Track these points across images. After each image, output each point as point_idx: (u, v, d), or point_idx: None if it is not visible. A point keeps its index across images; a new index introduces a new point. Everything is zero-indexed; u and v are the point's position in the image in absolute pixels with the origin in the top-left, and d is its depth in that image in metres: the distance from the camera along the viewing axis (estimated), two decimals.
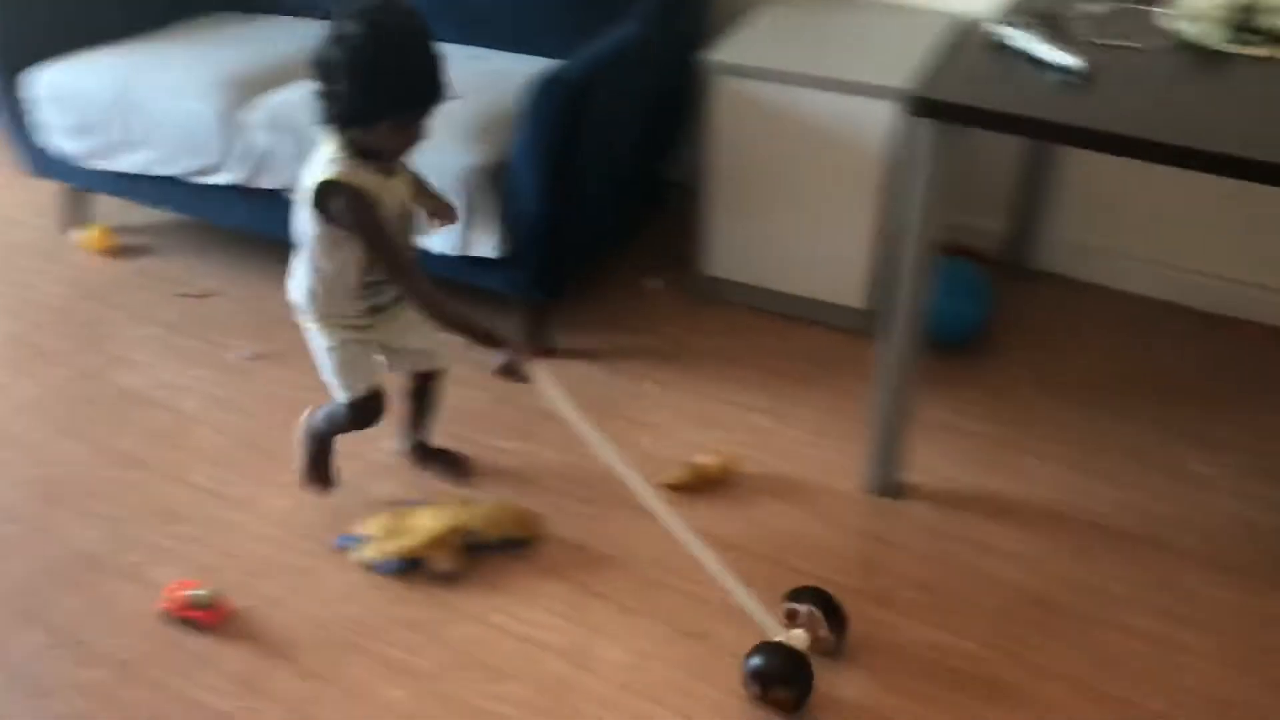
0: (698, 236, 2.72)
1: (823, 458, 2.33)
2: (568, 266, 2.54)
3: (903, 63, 2.33)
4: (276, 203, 2.43)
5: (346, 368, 1.99)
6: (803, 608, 1.85)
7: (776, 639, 1.80)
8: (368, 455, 2.29)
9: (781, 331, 2.69)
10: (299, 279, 1.93)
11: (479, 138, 2.34)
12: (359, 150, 1.76)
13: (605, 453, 1.85)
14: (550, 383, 1.84)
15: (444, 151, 2.12)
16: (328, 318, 1.94)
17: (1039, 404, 2.47)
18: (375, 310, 1.95)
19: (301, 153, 2.46)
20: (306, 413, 2.15)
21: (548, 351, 1.92)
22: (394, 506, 2.13)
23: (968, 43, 1.92)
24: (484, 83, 2.45)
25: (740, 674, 1.81)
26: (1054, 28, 1.87)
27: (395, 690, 1.85)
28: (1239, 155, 1.54)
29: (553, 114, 2.19)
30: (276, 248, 2.17)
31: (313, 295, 1.92)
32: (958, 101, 1.68)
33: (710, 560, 1.84)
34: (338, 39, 1.66)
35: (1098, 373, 2.57)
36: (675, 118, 2.78)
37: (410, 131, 1.75)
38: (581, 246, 2.57)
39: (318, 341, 1.98)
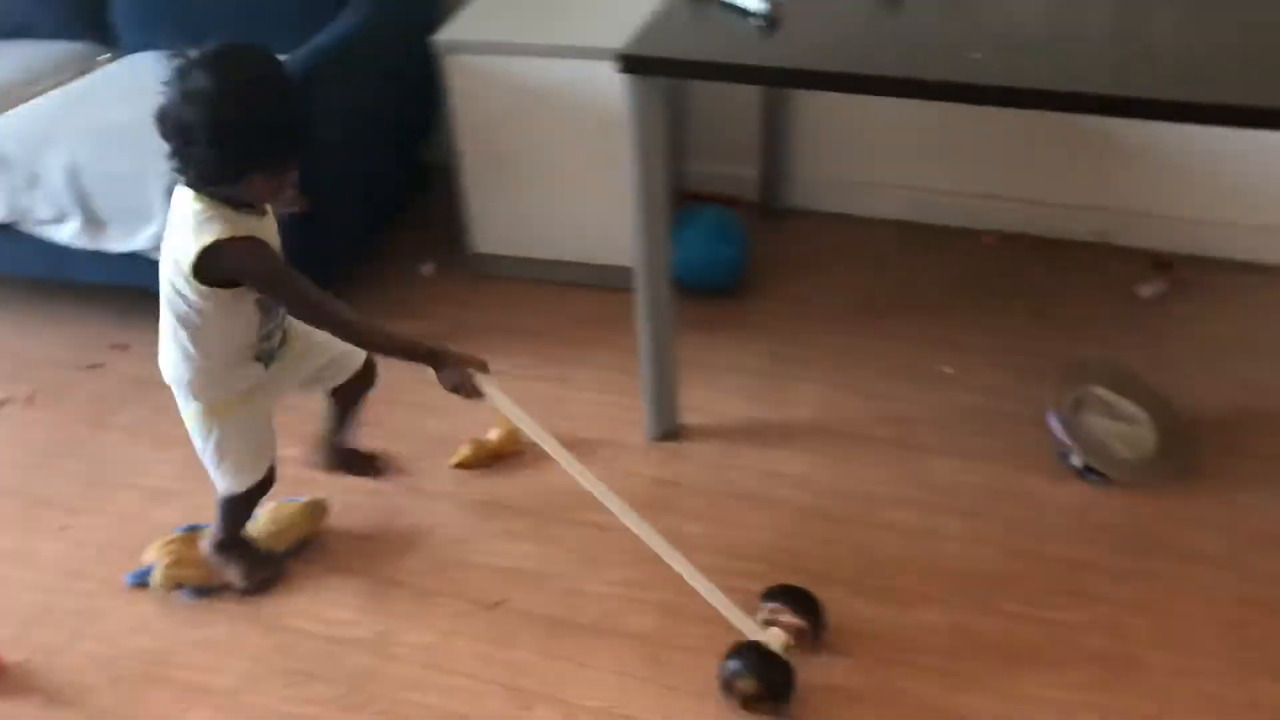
0: (462, 216, 2.75)
1: (608, 414, 2.40)
2: (328, 261, 2.51)
3: (628, 24, 2.40)
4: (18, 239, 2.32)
5: (246, 452, 1.86)
6: (773, 605, 1.84)
7: (754, 639, 1.77)
8: (141, 484, 2.23)
9: (557, 299, 2.75)
10: (174, 362, 1.75)
11: None
12: (227, 200, 1.60)
13: (564, 460, 1.80)
14: (501, 394, 1.78)
15: None
16: (216, 400, 1.78)
17: (802, 333, 2.62)
18: (267, 361, 1.81)
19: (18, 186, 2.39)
20: (204, 544, 2.00)
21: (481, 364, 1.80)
22: (177, 532, 2.09)
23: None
24: None
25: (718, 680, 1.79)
26: None
27: (197, 713, 1.83)
28: (912, 77, 1.68)
29: None
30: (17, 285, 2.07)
31: (196, 376, 1.74)
32: (657, 55, 1.76)
33: (684, 565, 1.79)
34: (189, 95, 1.48)
35: (854, 296, 2.74)
36: (426, 101, 2.78)
37: (284, 178, 1.61)
38: (341, 240, 2.55)
39: (205, 433, 1.81)
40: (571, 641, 1.91)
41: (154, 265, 1.78)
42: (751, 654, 1.75)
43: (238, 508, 1.95)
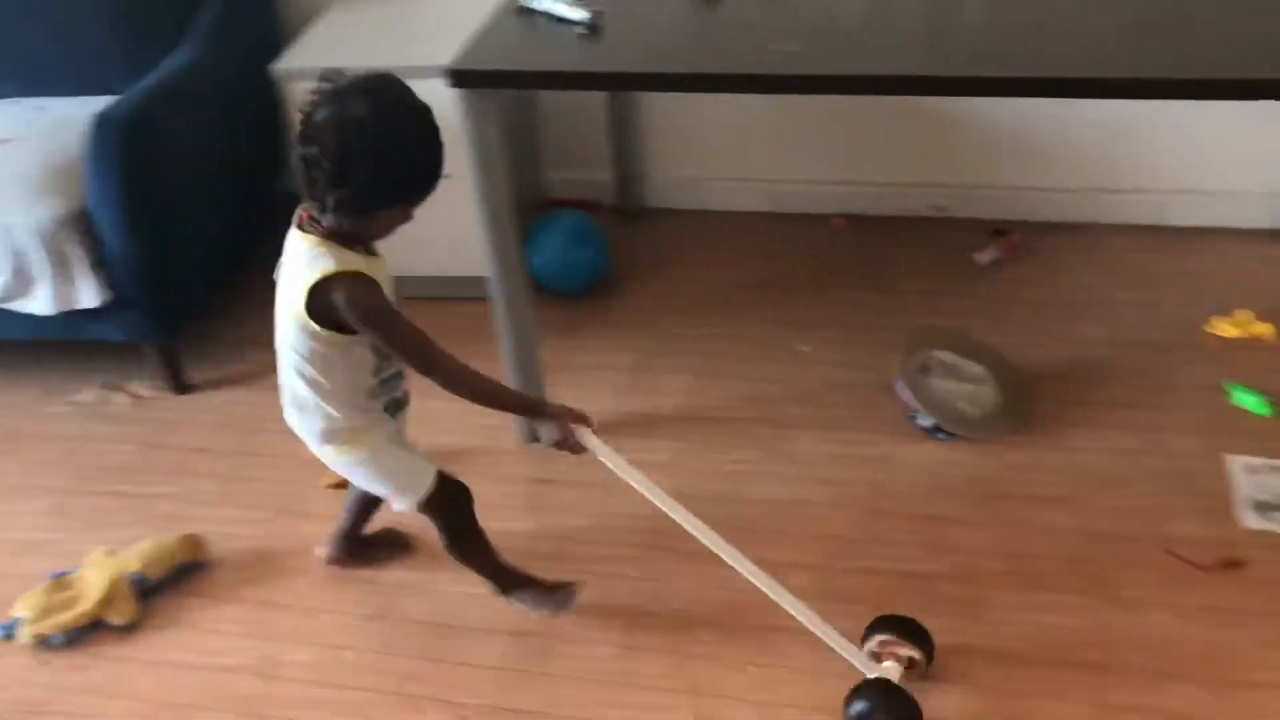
0: None
1: (479, 422, 2.42)
2: (184, 300, 2.50)
3: (464, 41, 2.46)
4: None
5: (391, 474, 1.79)
6: (883, 636, 1.79)
7: (871, 676, 1.73)
8: (5, 537, 2.19)
9: (422, 315, 2.72)
10: (299, 413, 1.73)
11: (49, 190, 2.27)
12: (339, 237, 1.57)
13: (673, 509, 1.76)
14: (605, 448, 1.74)
15: (11, 211, 2.04)
16: (354, 431, 1.74)
17: (666, 327, 2.71)
18: (391, 410, 1.78)
19: None
20: (451, 559, 1.93)
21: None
22: (48, 579, 2.06)
23: (503, 12, 2.07)
24: (45, 132, 2.37)
25: None
26: None
27: None
28: (727, 72, 1.78)
29: (113, 152, 2.16)
30: None
31: (330, 419, 1.71)
32: (483, 68, 1.83)
33: (789, 599, 1.75)
34: (350, 121, 1.45)
35: (714, 288, 2.84)
36: (274, 133, 2.78)
37: (409, 215, 1.60)
38: (196, 276, 2.54)
39: (356, 463, 1.77)
40: (458, 643, 1.95)
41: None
42: (877, 692, 1.70)
43: (460, 536, 1.87)
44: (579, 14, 1.94)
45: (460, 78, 1.82)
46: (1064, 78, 1.74)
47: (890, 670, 1.74)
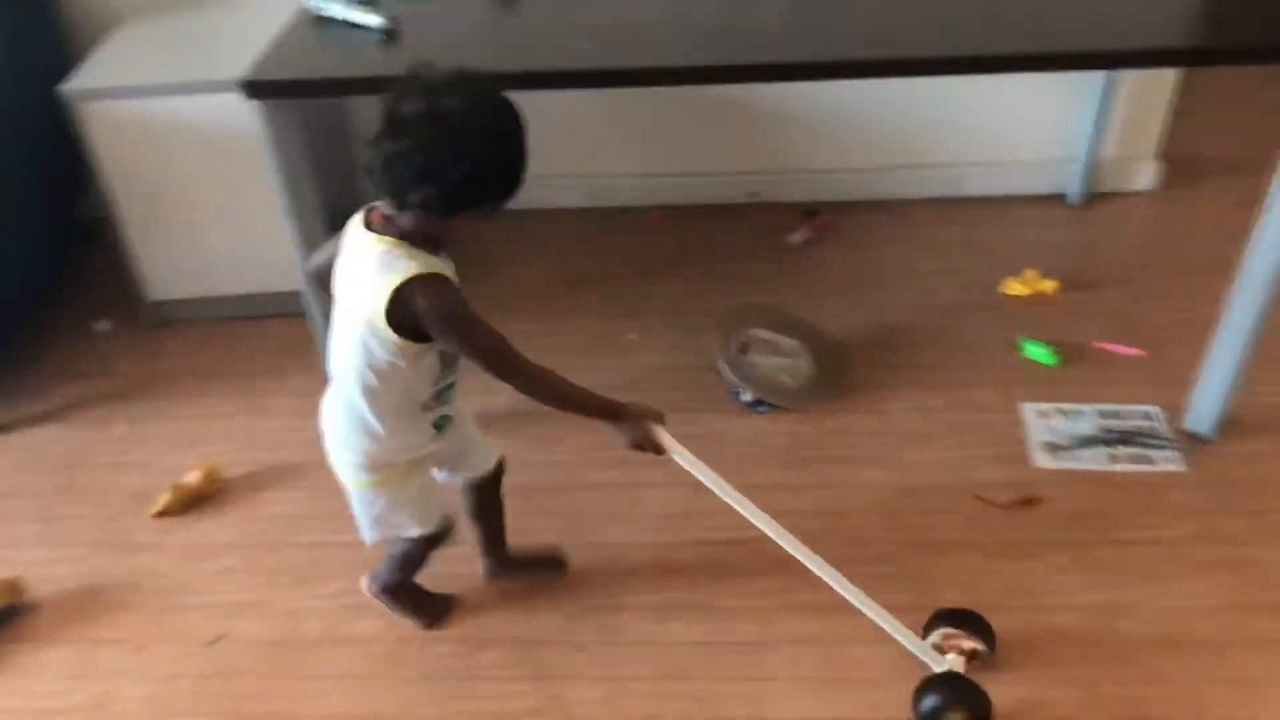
0: (132, 267, 2.67)
1: (311, 437, 2.39)
2: None
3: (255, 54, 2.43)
4: None
5: (419, 506, 1.76)
6: (945, 630, 1.81)
7: (940, 670, 1.75)
8: None
9: (244, 333, 2.73)
10: (345, 436, 1.65)
11: None
12: (415, 238, 1.48)
13: (750, 511, 1.72)
14: (681, 448, 1.70)
15: None
16: (392, 466, 1.68)
17: (501, 326, 2.73)
18: (440, 426, 1.71)
19: None
20: (366, 582, 1.95)
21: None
22: None
23: (298, 22, 2.05)
24: None
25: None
26: None
27: None
28: (521, 70, 1.83)
29: None
30: None
31: (374, 445, 1.64)
32: (278, 78, 1.82)
33: (862, 599, 1.75)
34: (441, 117, 1.37)
35: (542, 285, 2.89)
36: (70, 154, 2.68)
37: (488, 217, 1.51)
38: None
39: (371, 500, 1.72)
40: (300, 658, 1.93)
41: None
42: (947, 686, 1.71)
43: (411, 559, 1.88)
44: (375, 20, 1.95)
45: (255, 89, 1.81)
46: (852, 60, 1.85)
47: (955, 663, 1.75)
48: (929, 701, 1.70)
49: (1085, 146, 2.98)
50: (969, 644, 1.79)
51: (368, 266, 1.47)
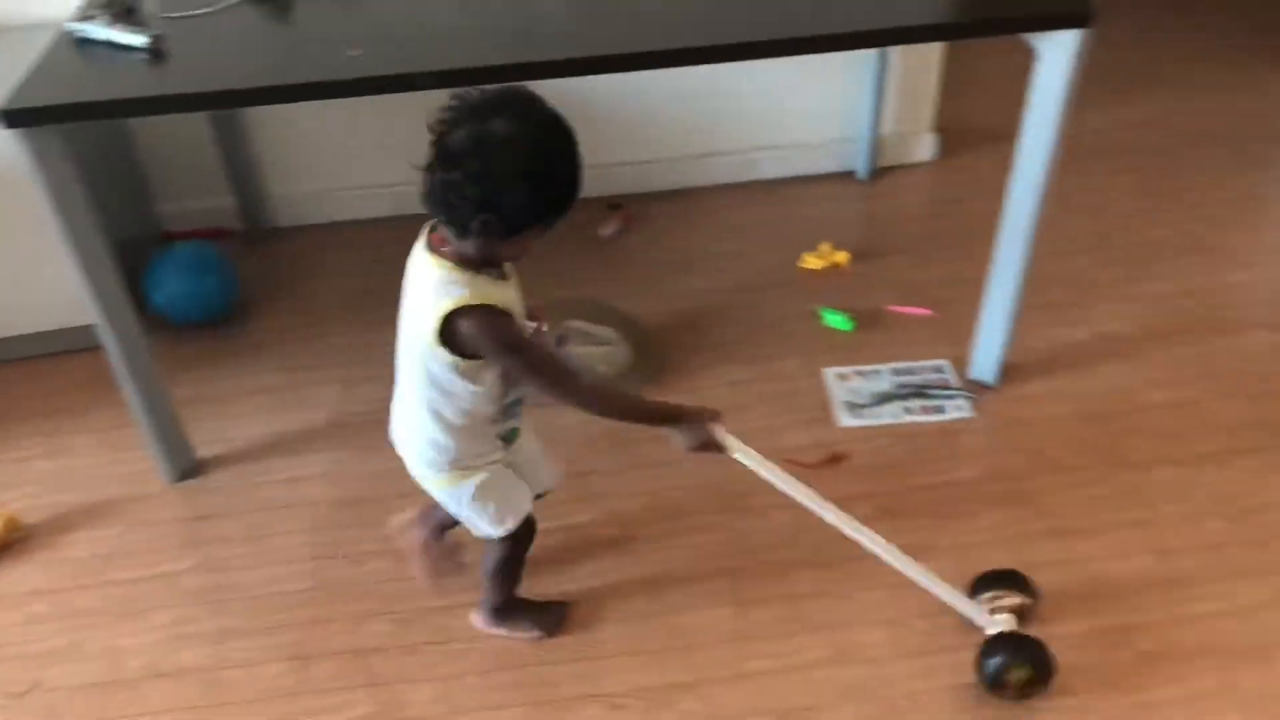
0: None
1: (120, 471, 2.34)
2: None
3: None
4: None
5: (502, 499, 1.73)
6: (990, 593, 1.86)
7: (993, 632, 1.80)
8: None
9: (36, 373, 2.61)
10: (421, 437, 1.65)
11: None
12: (473, 261, 1.49)
13: (815, 503, 1.76)
14: (742, 445, 1.69)
15: None
16: (467, 467, 1.67)
17: (311, 342, 2.71)
18: (508, 439, 1.71)
19: None
20: (477, 620, 1.95)
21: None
22: None
23: (58, 45, 1.98)
24: None
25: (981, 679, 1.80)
26: (125, 12, 2.00)
27: None
28: (290, 83, 1.81)
29: None
30: None
31: (448, 448, 1.64)
32: (40, 104, 1.75)
33: (926, 575, 1.79)
34: (490, 142, 1.37)
35: (354, 296, 2.87)
36: None
37: (545, 232, 1.48)
38: None
39: (458, 494, 1.69)
40: (124, 697, 1.87)
41: None
42: (1008, 644, 1.77)
43: (510, 567, 1.87)
44: (138, 39, 1.90)
45: (14, 118, 1.73)
46: (630, 53, 1.91)
47: (1007, 622, 1.81)
48: (993, 662, 1.77)
49: (866, 124, 3.16)
50: (1013, 600, 1.85)
51: (426, 288, 1.52)
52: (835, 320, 2.65)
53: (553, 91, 1.47)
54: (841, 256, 2.88)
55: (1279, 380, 2.45)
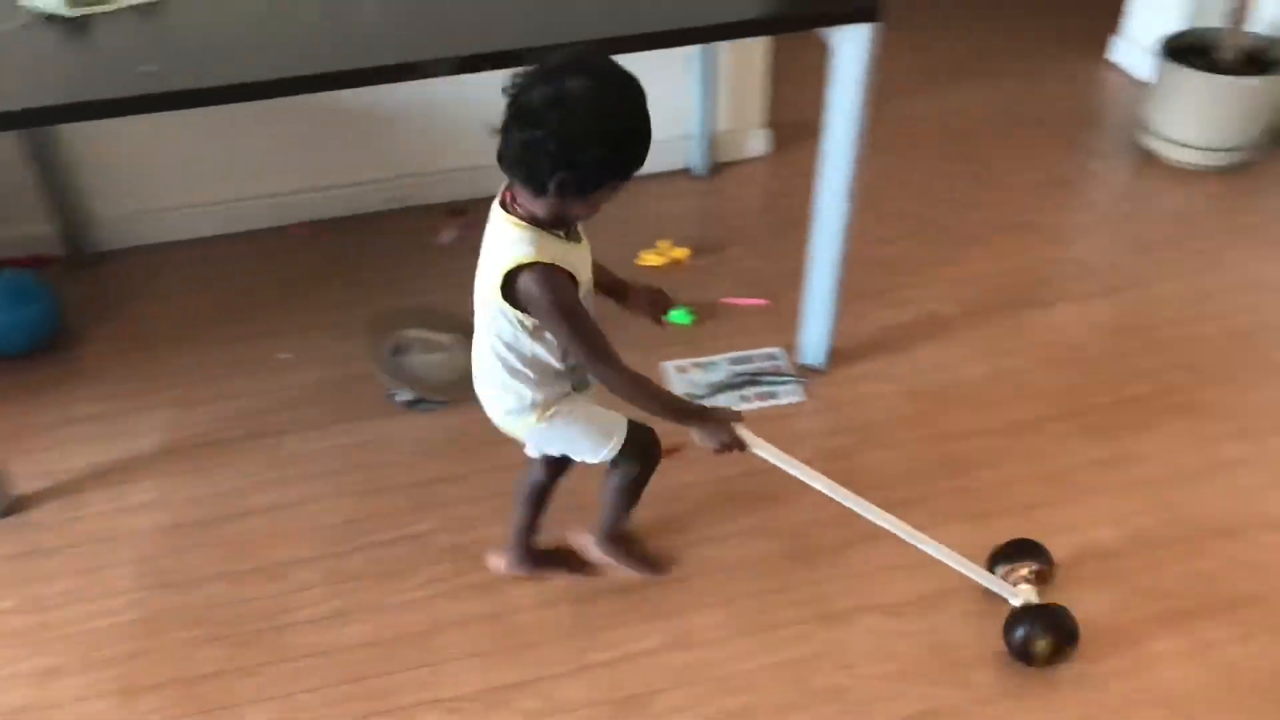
0: None
1: None
2: None
3: None
4: None
5: (593, 418, 1.74)
6: (1007, 566, 1.93)
7: (1019, 604, 1.87)
8: None
9: None
10: (497, 387, 1.69)
11: None
12: (543, 220, 1.52)
13: (842, 495, 1.79)
14: (762, 441, 1.71)
15: None
16: (547, 405, 1.69)
17: (138, 366, 2.62)
18: (580, 388, 1.74)
19: None
20: (589, 543, 1.97)
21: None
22: None
23: None
24: None
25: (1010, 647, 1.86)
26: None
27: None
28: (79, 101, 1.76)
29: None
30: None
31: (521, 394, 1.67)
32: None
33: (949, 553, 1.86)
34: (569, 101, 1.39)
35: (186, 317, 2.79)
36: None
37: (616, 193, 1.52)
38: None
39: (553, 429, 1.71)
40: None
41: None
42: (1030, 615, 1.85)
43: (634, 488, 1.85)
44: None
45: None
46: (446, 58, 1.92)
47: (1028, 593, 1.89)
48: (1018, 632, 1.85)
49: (699, 122, 3.23)
50: (1028, 569, 1.92)
51: (497, 244, 1.57)
52: (676, 315, 2.70)
53: (389, 98, 1.47)
54: (680, 252, 2.94)
55: (1086, 349, 2.61)
